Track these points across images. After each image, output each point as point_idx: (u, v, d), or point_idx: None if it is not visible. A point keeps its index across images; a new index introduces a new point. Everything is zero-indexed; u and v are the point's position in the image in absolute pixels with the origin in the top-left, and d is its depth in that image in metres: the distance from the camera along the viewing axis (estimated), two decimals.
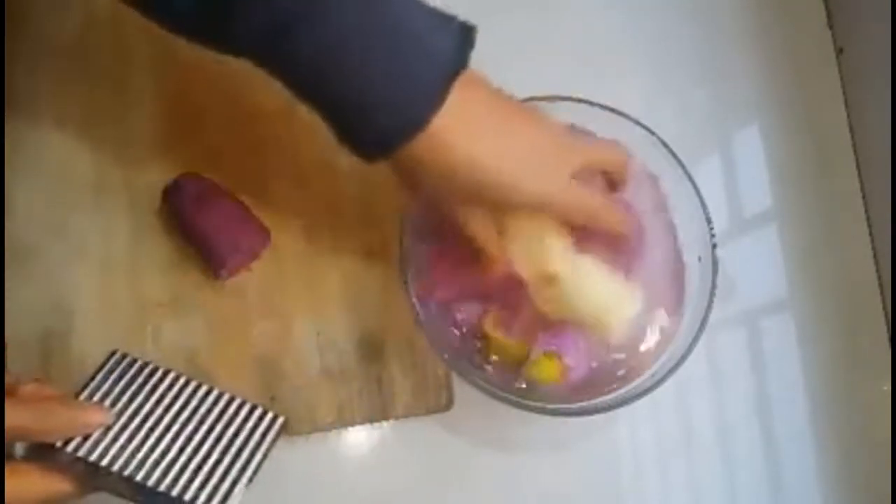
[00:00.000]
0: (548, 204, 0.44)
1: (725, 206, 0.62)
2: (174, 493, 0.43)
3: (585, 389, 0.50)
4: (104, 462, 0.42)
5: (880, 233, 0.62)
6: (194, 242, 0.55)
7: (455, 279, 0.51)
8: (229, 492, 0.44)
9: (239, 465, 0.45)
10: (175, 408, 0.46)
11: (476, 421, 0.56)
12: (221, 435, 0.45)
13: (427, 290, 0.51)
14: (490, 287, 0.50)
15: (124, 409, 0.45)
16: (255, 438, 0.46)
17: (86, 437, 0.42)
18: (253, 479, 0.45)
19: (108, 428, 0.43)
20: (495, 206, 0.45)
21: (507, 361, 0.51)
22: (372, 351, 0.55)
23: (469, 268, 0.50)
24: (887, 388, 0.61)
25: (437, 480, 0.56)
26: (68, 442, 0.42)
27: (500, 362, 0.51)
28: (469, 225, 0.46)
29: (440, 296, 0.51)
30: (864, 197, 0.63)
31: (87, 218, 0.56)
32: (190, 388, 0.47)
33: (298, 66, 0.39)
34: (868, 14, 0.62)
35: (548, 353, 0.50)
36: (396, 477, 0.56)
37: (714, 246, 0.50)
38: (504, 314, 0.51)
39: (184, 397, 0.46)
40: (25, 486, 0.40)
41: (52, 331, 0.54)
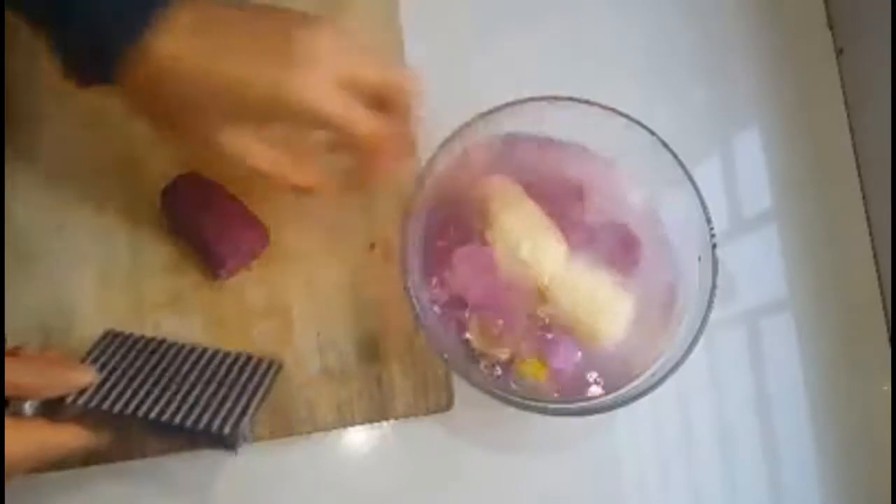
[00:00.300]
0: (284, 95, 0.42)
1: (725, 206, 0.62)
2: (188, 423, 0.45)
3: (577, 390, 0.51)
4: (115, 409, 0.44)
5: (880, 233, 0.62)
6: (193, 242, 0.55)
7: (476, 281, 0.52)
8: (239, 419, 0.46)
9: (244, 399, 0.47)
10: (175, 363, 0.49)
11: (476, 421, 0.56)
12: (224, 378, 0.48)
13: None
14: (478, 294, 0.51)
15: (126, 367, 0.47)
16: (256, 378, 0.48)
17: (94, 392, 0.45)
18: (259, 409, 0.47)
19: (113, 382, 0.46)
20: (237, 112, 0.43)
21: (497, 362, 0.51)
22: (372, 351, 0.55)
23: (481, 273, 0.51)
24: (887, 388, 0.61)
25: (437, 480, 0.56)
26: (78, 398, 0.44)
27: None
28: (235, 146, 0.44)
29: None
30: (864, 197, 0.63)
31: (87, 218, 0.56)
32: (186, 348, 0.50)
33: None
34: (868, 14, 0.62)
35: (535, 357, 0.50)
36: (396, 477, 0.56)
37: (714, 246, 0.50)
38: (488, 321, 0.51)
39: (182, 354, 0.49)
40: (37, 437, 0.41)
41: (51, 330, 0.54)
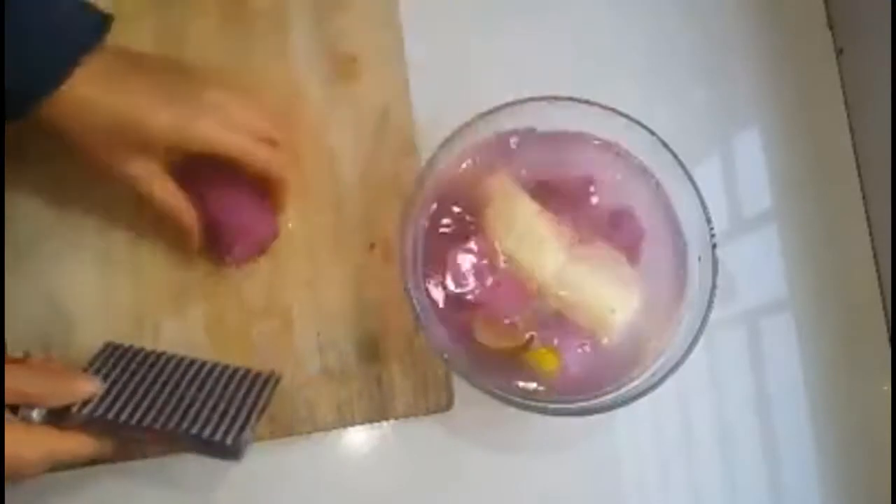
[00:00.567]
0: (182, 130, 0.47)
1: (725, 206, 0.62)
2: (193, 431, 0.46)
3: (584, 388, 0.50)
4: (121, 418, 0.45)
5: (880, 233, 0.62)
6: (203, 221, 0.52)
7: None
8: (242, 428, 0.47)
9: (245, 412, 0.48)
10: (176, 376, 0.49)
11: (476, 421, 0.56)
12: (224, 391, 0.49)
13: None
14: (479, 293, 0.51)
15: (128, 379, 0.48)
16: (255, 391, 0.49)
17: (98, 402, 0.46)
18: (259, 419, 0.48)
19: (116, 393, 0.47)
20: (142, 143, 0.48)
21: (504, 352, 0.51)
22: (372, 351, 0.55)
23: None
24: (887, 388, 0.61)
25: (437, 480, 0.56)
26: (83, 407, 0.45)
27: (499, 359, 0.51)
28: (136, 173, 0.49)
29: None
30: (864, 197, 0.63)
31: (87, 217, 0.56)
32: (186, 361, 0.50)
33: None
34: (868, 14, 0.62)
35: (549, 347, 0.50)
36: (396, 477, 0.56)
37: (714, 246, 0.50)
38: (491, 320, 0.51)
39: (182, 367, 0.50)
40: (46, 442, 0.43)
41: (51, 330, 0.54)
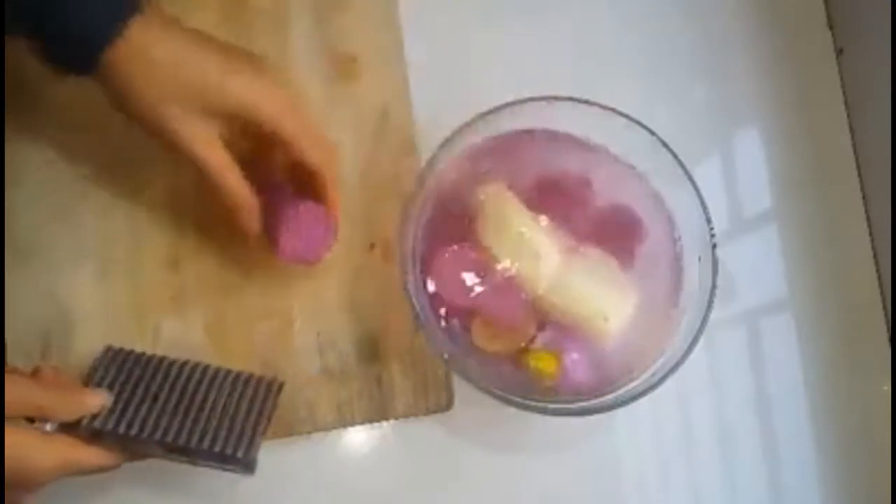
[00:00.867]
0: (250, 98, 0.46)
1: (725, 206, 0.62)
2: (203, 446, 0.46)
3: (583, 390, 0.50)
4: (131, 432, 0.45)
5: (880, 233, 0.62)
6: (263, 212, 0.51)
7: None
8: (252, 440, 0.46)
9: (252, 420, 0.48)
10: (179, 384, 0.49)
11: (476, 421, 0.56)
12: (229, 398, 0.48)
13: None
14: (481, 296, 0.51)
15: (132, 388, 0.48)
16: (260, 398, 0.49)
17: (107, 415, 0.46)
18: (267, 428, 0.48)
19: (123, 405, 0.47)
20: (205, 104, 0.46)
21: (504, 354, 0.51)
22: (372, 351, 0.55)
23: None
24: (887, 388, 0.61)
25: (437, 480, 0.56)
26: (93, 420, 0.45)
27: (499, 360, 0.51)
28: (195, 142, 0.46)
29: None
30: (864, 197, 0.63)
31: (87, 217, 0.56)
32: (188, 366, 0.50)
33: None
34: (868, 14, 0.62)
35: (548, 350, 0.50)
36: (396, 477, 0.56)
37: (714, 246, 0.50)
38: (489, 323, 0.51)
39: (185, 373, 0.49)
40: (62, 452, 0.43)
41: (51, 330, 0.54)
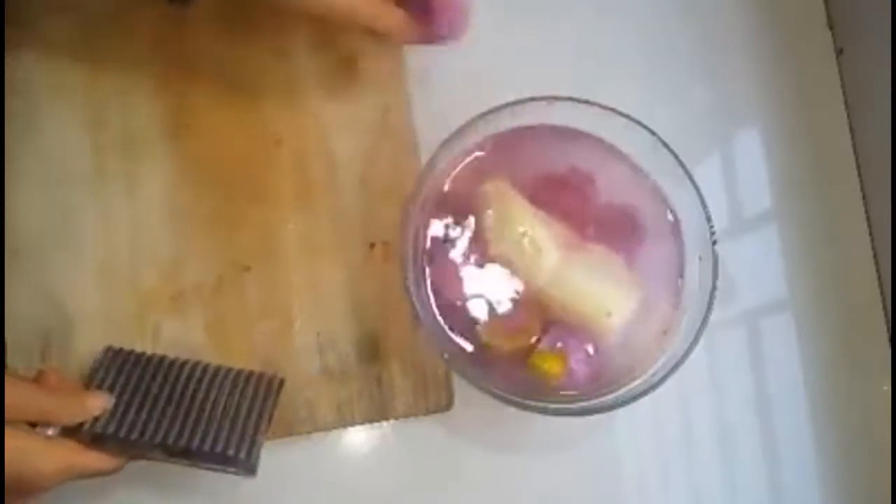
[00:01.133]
0: None
1: (725, 206, 0.62)
2: (205, 448, 0.46)
3: (586, 390, 0.50)
4: (132, 436, 0.45)
5: (880, 233, 0.62)
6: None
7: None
8: (254, 440, 0.47)
9: (254, 419, 0.48)
10: (180, 384, 0.49)
11: (476, 421, 0.56)
12: (229, 397, 0.49)
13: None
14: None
15: (133, 390, 0.48)
16: (261, 396, 0.49)
17: (109, 418, 0.46)
18: (269, 427, 0.48)
19: (124, 407, 0.47)
20: None
21: (508, 354, 0.51)
22: (372, 351, 0.55)
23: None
24: (887, 388, 0.61)
25: (437, 480, 0.56)
26: (95, 424, 0.46)
27: (500, 359, 0.51)
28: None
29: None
30: (864, 197, 0.63)
31: (87, 217, 0.56)
32: (189, 365, 0.50)
33: None
34: (868, 14, 0.62)
35: (555, 350, 0.50)
36: (396, 477, 0.56)
37: (714, 243, 0.50)
38: (497, 321, 0.51)
39: (185, 373, 0.49)
40: (66, 457, 0.44)
41: (51, 330, 0.54)
